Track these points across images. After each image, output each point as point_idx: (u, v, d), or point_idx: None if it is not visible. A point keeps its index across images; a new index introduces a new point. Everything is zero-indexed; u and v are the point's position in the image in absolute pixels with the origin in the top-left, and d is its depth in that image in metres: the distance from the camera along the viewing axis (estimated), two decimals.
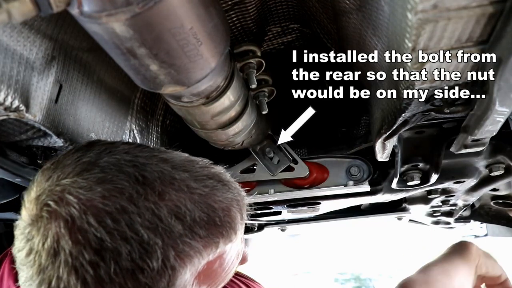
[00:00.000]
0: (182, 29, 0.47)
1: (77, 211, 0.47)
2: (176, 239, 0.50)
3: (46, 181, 0.50)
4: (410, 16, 0.45)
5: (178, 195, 0.52)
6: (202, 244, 0.53)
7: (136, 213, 0.48)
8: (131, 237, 0.47)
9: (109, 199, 0.48)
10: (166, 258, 0.49)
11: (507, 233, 1.84)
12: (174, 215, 0.50)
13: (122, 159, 0.52)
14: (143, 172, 0.51)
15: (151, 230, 0.48)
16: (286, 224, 1.57)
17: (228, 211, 0.57)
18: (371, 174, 1.10)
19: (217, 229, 0.55)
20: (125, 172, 0.50)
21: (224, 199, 0.57)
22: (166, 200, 0.51)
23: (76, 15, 0.41)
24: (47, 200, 0.48)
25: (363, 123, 1.13)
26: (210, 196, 0.56)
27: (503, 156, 0.98)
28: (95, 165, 0.50)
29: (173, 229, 0.50)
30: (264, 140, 1.10)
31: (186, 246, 0.51)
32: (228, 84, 0.73)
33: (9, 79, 0.59)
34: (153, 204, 0.49)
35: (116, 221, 0.47)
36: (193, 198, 0.53)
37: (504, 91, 0.53)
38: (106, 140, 0.57)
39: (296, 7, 0.91)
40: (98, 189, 0.48)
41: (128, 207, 0.48)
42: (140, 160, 0.52)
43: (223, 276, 0.61)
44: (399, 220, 1.48)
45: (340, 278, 8.04)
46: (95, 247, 0.46)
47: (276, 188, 1.13)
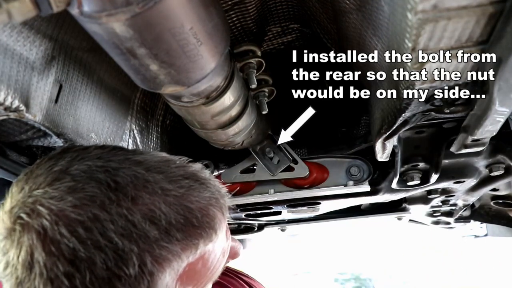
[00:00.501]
0: (182, 29, 0.47)
1: (48, 222, 0.46)
2: (152, 244, 0.49)
3: (19, 192, 0.49)
4: (410, 16, 0.45)
5: (152, 198, 0.51)
6: (180, 247, 0.52)
7: (108, 220, 0.47)
8: (105, 245, 0.46)
9: (80, 208, 0.47)
10: (143, 263, 0.48)
11: (507, 233, 1.84)
12: (149, 220, 0.49)
13: (93, 165, 0.51)
14: (115, 177, 0.50)
15: (125, 236, 0.47)
16: (286, 224, 1.57)
17: (206, 210, 0.56)
18: (371, 174, 1.10)
19: (195, 230, 0.54)
20: (96, 179, 0.49)
21: (201, 199, 0.56)
22: (140, 205, 0.50)
23: (76, 15, 0.41)
24: (20, 212, 0.47)
25: (363, 123, 1.13)
26: (186, 196, 0.54)
27: (503, 156, 0.98)
28: (66, 173, 0.50)
29: (148, 234, 0.49)
30: (264, 140, 1.10)
31: (163, 251, 0.50)
32: (228, 84, 0.73)
33: (9, 79, 0.59)
34: (126, 210, 0.48)
35: (88, 229, 0.46)
36: (167, 200, 0.52)
37: (504, 91, 0.53)
38: (81, 146, 0.56)
39: (296, 7, 0.91)
40: (69, 198, 0.47)
41: (100, 214, 0.47)
42: (113, 165, 0.51)
43: (209, 275, 0.61)
44: (399, 220, 1.48)
45: (340, 278, 8.04)
46: (69, 258, 0.45)
47: (276, 188, 1.13)
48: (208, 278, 0.61)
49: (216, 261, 0.61)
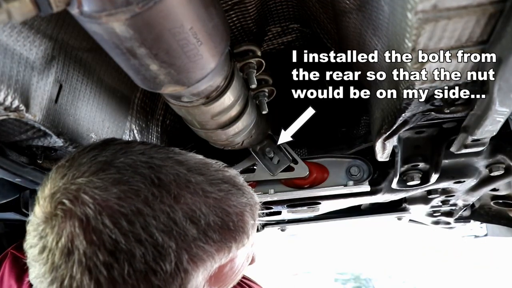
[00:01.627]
0: (182, 29, 0.47)
1: (92, 211, 0.46)
2: (190, 242, 0.50)
3: (61, 178, 0.50)
4: (410, 16, 0.45)
5: (193, 198, 0.52)
6: (215, 248, 0.53)
7: (151, 215, 0.48)
8: (145, 239, 0.47)
9: (124, 200, 0.48)
10: (179, 261, 0.49)
11: (507, 233, 1.84)
12: (189, 219, 0.50)
13: (138, 160, 0.51)
14: (158, 174, 0.51)
15: (166, 233, 0.48)
16: (286, 224, 1.57)
17: (242, 216, 0.57)
18: (371, 174, 1.10)
19: (231, 233, 0.55)
20: (141, 174, 0.50)
21: (238, 204, 0.57)
22: (182, 203, 0.51)
23: (76, 15, 0.41)
24: (62, 198, 0.48)
25: (363, 123, 1.13)
26: (225, 200, 0.55)
27: (503, 156, 0.98)
28: (111, 165, 0.50)
29: (188, 233, 0.50)
30: (264, 140, 1.10)
31: (199, 250, 0.51)
32: (228, 84, 0.73)
33: (9, 79, 0.59)
34: (168, 207, 0.49)
35: (131, 223, 0.47)
36: (208, 202, 0.53)
37: (504, 91, 0.53)
38: (122, 139, 0.57)
39: (296, 7, 0.91)
40: (114, 190, 0.48)
41: (144, 209, 0.48)
42: (156, 162, 0.52)
43: (233, 278, 0.62)
44: (399, 220, 1.48)
45: (340, 278, 8.04)
46: (109, 248, 0.46)
47: (276, 188, 1.14)
48: (231, 281, 0.62)
49: (241, 265, 0.63)
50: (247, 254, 0.64)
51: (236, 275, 0.62)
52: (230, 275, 0.60)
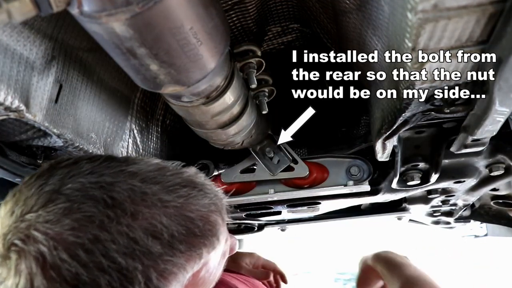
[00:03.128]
0: (182, 29, 0.47)
1: (46, 247, 0.44)
2: (156, 259, 0.48)
3: (10, 216, 0.47)
4: (410, 16, 0.45)
5: (151, 212, 0.49)
6: (185, 258, 0.51)
7: (110, 240, 0.45)
8: (108, 266, 0.45)
9: (79, 229, 0.45)
10: (148, 280, 0.47)
11: (507, 233, 1.84)
12: (151, 235, 0.48)
13: (87, 182, 0.48)
14: (111, 193, 0.48)
15: (128, 255, 0.46)
16: (286, 224, 1.57)
17: (207, 218, 0.55)
18: (371, 174, 1.10)
19: (198, 240, 0.53)
20: (92, 197, 0.47)
21: (201, 207, 0.55)
22: (140, 220, 0.48)
23: (76, 15, 0.41)
24: (14, 239, 0.45)
25: (363, 123, 1.13)
26: (186, 206, 0.53)
27: (503, 156, 0.98)
28: (59, 193, 0.47)
29: (152, 250, 0.48)
30: (264, 140, 1.10)
31: (167, 265, 0.49)
32: (228, 84, 0.73)
33: (9, 79, 0.59)
34: (126, 227, 0.47)
35: (89, 252, 0.45)
36: (168, 212, 0.51)
37: (504, 91, 0.53)
38: (69, 159, 0.53)
39: (296, 7, 0.91)
40: (66, 220, 0.45)
41: (101, 235, 0.45)
42: (107, 180, 0.49)
43: (211, 279, 0.60)
44: (399, 220, 1.48)
45: (340, 278, 8.04)
46: (71, 283, 0.44)
47: (276, 188, 1.13)
48: (210, 282, 0.61)
49: (218, 264, 0.61)
50: (222, 252, 0.61)
51: (214, 275, 0.60)
52: (207, 277, 0.58)
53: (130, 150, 0.96)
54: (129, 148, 0.95)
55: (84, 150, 0.79)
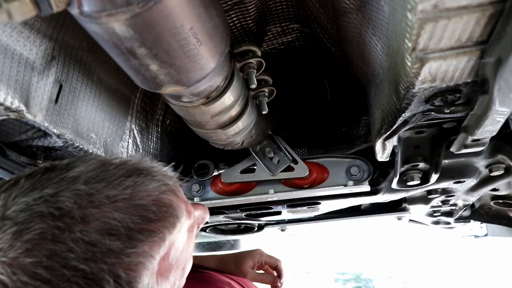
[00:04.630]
0: (182, 29, 0.47)
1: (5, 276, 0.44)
2: (118, 255, 0.48)
3: None
4: (410, 16, 0.45)
5: (101, 211, 0.49)
6: (148, 246, 0.51)
7: (66, 250, 0.45)
8: (72, 275, 0.45)
9: (33, 249, 0.45)
10: (117, 277, 0.47)
11: (507, 233, 1.84)
12: (106, 234, 0.48)
13: (30, 200, 0.48)
14: (56, 204, 0.48)
15: (89, 259, 0.46)
16: (286, 224, 1.57)
17: (160, 200, 0.55)
18: (371, 174, 1.10)
19: (156, 224, 0.53)
20: (38, 214, 0.47)
21: (151, 191, 0.55)
22: (92, 223, 0.48)
23: (76, 15, 0.41)
24: None
25: (363, 123, 1.13)
26: (135, 195, 0.53)
27: (503, 156, 0.98)
28: (5, 219, 0.47)
29: (112, 248, 0.48)
30: (264, 140, 1.10)
31: (132, 257, 0.49)
32: (228, 84, 0.73)
33: (9, 79, 0.59)
34: (79, 233, 0.47)
35: (50, 268, 0.44)
36: (118, 207, 0.50)
37: (504, 91, 0.53)
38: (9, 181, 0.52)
39: (296, 7, 0.91)
40: (18, 244, 0.45)
41: (56, 248, 0.45)
42: (50, 192, 0.49)
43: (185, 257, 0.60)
44: (399, 220, 1.48)
45: (340, 278, 8.03)
46: None
47: (276, 188, 1.13)
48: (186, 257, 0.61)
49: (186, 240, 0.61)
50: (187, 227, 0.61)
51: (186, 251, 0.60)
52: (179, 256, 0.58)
53: (130, 150, 0.96)
54: (129, 148, 0.95)
55: (84, 150, 0.79)
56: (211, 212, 1.27)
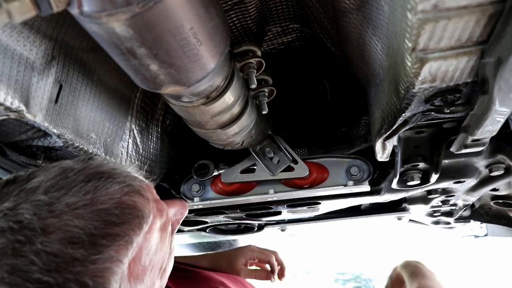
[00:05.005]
0: (182, 29, 0.47)
1: None
2: (83, 263, 0.47)
3: None
4: (410, 16, 0.45)
5: (62, 220, 0.48)
6: (114, 250, 0.50)
7: (28, 263, 0.44)
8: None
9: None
10: (84, 285, 0.46)
11: (507, 233, 1.84)
12: (68, 242, 0.47)
13: None
14: (15, 217, 0.47)
15: (53, 270, 0.45)
16: (286, 224, 1.57)
17: (123, 202, 0.53)
18: (371, 174, 1.10)
19: (120, 227, 0.51)
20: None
21: (112, 194, 0.53)
22: (53, 233, 0.47)
23: (76, 15, 0.41)
24: None
25: (363, 123, 1.13)
26: (96, 200, 0.51)
27: (503, 156, 0.98)
28: None
29: (75, 256, 0.46)
30: (264, 140, 1.10)
31: (98, 264, 0.48)
32: (228, 84, 0.73)
33: (9, 79, 0.59)
34: (40, 244, 0.45)
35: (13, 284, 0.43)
36: (79, 214, 0.49)
37: (504, 91, 0.53)
38: None
39: (296, 7, 0.91)
40: None
41: (17, 262, 0.44)
42: (9, 205, 0.48)
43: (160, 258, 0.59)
44: (399, 220, 1.48)
45: (340, 278, 8.04)
46: None
47: (276, 188, 1.13)
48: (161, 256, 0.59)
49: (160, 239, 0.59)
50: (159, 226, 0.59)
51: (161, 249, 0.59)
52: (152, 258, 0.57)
53: (130, 150, 0.96)
54: (129, 148, 0.95)
55: (84, 150, 0.79)
56: (211, 212, 1.27)
